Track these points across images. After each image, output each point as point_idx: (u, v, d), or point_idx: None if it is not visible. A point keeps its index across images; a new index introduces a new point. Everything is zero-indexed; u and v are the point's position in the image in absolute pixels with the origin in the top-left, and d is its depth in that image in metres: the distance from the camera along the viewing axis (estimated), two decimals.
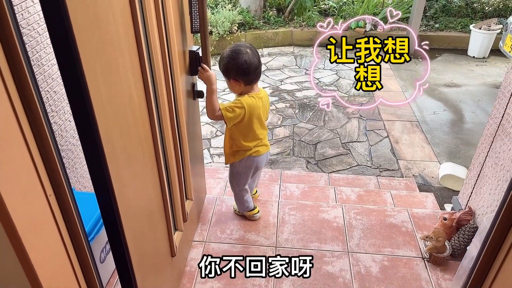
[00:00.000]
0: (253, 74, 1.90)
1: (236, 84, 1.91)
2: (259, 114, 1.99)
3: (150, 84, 1.33)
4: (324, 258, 2.13)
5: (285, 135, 3.93)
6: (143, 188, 1.37)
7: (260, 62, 1.93)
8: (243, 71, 1.86)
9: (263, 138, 2.10)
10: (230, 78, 1.90)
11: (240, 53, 1.84)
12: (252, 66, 1.86)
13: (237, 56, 1.84)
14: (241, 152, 2.08)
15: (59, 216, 0.96)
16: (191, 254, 2.15)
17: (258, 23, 6.22)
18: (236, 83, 1.90)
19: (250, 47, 1.89)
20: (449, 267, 2.06)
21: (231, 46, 1.90)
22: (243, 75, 1.87)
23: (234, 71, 1.87)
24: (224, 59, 1.88)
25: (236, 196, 2.32)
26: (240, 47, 1.87)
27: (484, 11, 6.43)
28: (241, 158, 2.10)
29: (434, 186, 3.21)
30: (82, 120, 0.95)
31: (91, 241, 1.72)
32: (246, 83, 1.91)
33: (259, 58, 1.92)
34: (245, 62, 1.84)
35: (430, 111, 4.41)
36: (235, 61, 1.84)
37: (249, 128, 1.99)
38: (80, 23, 0.87)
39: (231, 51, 1.87)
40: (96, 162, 1.02)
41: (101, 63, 0.99)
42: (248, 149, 2.06)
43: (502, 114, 1.95)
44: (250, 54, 1.86)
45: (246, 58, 1.84)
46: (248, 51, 1.86)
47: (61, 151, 1.93)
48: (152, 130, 1.40)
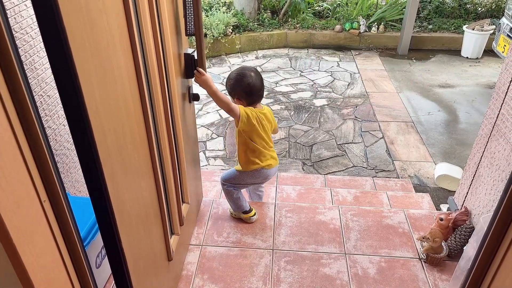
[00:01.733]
0: (256, 96, 2.08)
1: (240, 103, 2.08)
2: (266, 126, 2.14)
3: (145, 87, 1.32)
4: (321, 260, 2.12)
5: (281, 137, 3.93)
6: (138, 192, 1.36)
7: (263, 85, 2.11)
8: (246, 93, 2.05)
9: (272, 151, 2.26)
10: (235, 97, 2.09)
11: (245, 76, 2.03)
12: (254, 89, 2.05)
13: (242, 78, 2.03)
14: (256, 164, 2.20)
15: (53, 221, 0.95)
16: (188, 258, 2.13)
17: (253, 25, 6.23)
18: (239, 102, 2.08)
19: (255, 71, 2.08)
20: (446, 268, 2.07)
21: (238, 68, 2.10)
22: (247, 96, 2.06)
23: (238, 92, 2.06)
24: (230, 80, 2.08)
25: (230, 198, 2.33)
26: (245, 70, 2.06)
27: (477, 12, 6.48)
28: (253, 169, 2.21)
29: (429, 187, 3.22)
30: (76, 123, 0.94)
31: (86, 246, 1.71)
32: (249, 103, 2.08)
33: (262, 81, 2.09)
34: (249, 84, 2.03)
35: (424, 111, 4.43)
36: (240, 83, 2.04)
37: (260, 137, 2.14)
38: (74, 26, 0.86)
39: (237, 73, 2.06)
40: (90, 166, 1.01)
41: (95, 66, 0.98)
42: (262, 161, 2.20)
43: (497, 114, 1.96)
44: (254, 77, 2.04)
45: (250, 81, 2.03)
46: (252, 74, 2.05)
47: (55, 155, 1.91)
48: (148, 133, 1.39)
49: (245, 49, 6.12)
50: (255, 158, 2.18)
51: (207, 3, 6.42)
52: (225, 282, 2.00)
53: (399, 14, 6.28)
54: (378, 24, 6.29)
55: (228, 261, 2.12)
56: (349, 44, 6.30)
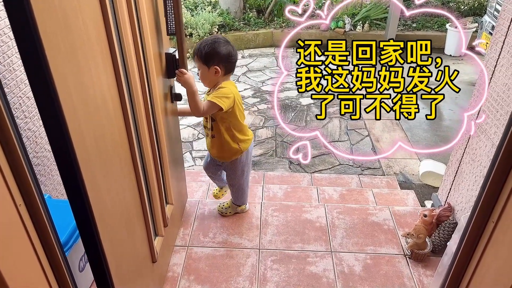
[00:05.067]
0: (234, 65, 1.97)
1: (215, 72, 1.91)
2: (240, 101, 2.04)
3: (125, 88, 1.31)
4: (307, 258, 2.13)
5: (268, 136, 3.93)
6: (120, 194, 1.34)
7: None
8: (227, 59, 1.91)
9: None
10: (211, 65, 1.89)
11: (224, 42, 1.90)
12: (235, 57, 1.95)
13: (221, 44, 1.88)
14: (245, 142, 2.12)
15: (30, 226, 0.93)
16: (174, 259, 2.12)
17: (239, 24, 6.21)
18: (216, 70, 1.90)
19: (227, 39, 1.96)
20: (431, 264, 2.09)
21: (210, 36, 1.95)
22: (227, 63, 1.92)
23: (218, 58, 1.88)
24: (207, 46, 1.87)
25: (242, 190, 2.32)
26: (220, 37, 1.93)
27: (460, 10, 6.56)
28: (249, 145, 2.15)
29: (415, 183, 3.26)
30: (52, 125, 0.93)
31: (69, 249, 1.68)
32: (227, 71, 1.95)
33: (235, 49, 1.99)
34: (230, 51, 1.91)
35: None
36: (220, 48, 1.88)
37: (240, 116, 2.03)
38: (47, 27, 0.84)
39: (214, 39, 1.90)
40: (68, 168, 0.99)
41: (71, 67, 0.96)
42: (248, 137, 2.13)
43: (478, 111, 1.99)
44: (230, 44, 1.94)
45: (230, 48, 1.91)
46: (228, 41, 1.94)
47: (36, 157, 1.88)
48: (128, 134, 1.37)
49: None
50: (244, 135, 2.11)
51: (192, 3, 6.39)
52: (211, 283, 1.99)
53: (384, 13, 6.33)
54: (363, 23, 6.33)
55: (214, 262, 2.11)
56: None
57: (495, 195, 0.93)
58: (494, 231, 0.95)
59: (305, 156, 2.05)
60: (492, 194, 0.94)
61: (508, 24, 1.73)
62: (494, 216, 0.94)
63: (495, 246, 0.95)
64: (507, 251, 0.89)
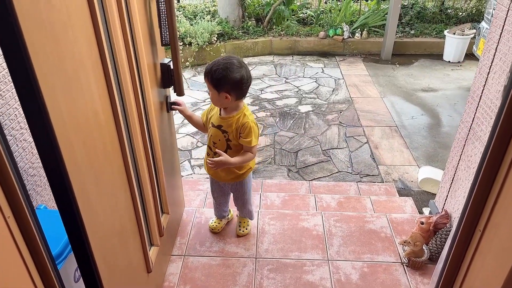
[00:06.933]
0: (247, 90, 1.86)
1: (226, 99, 1.81)
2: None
3: (117, 99, 1.32)
4: (304, 267, 2.12)
5: (266, 144, 3.93)
6: (113, 205, 1.34)
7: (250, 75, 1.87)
8: (238, 86, 1.79)
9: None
10: (221, 91, 1.79)
11: (237, 68, 1.76)
12: (248, 82, 1.82)
13: (234, 70, 1.76)
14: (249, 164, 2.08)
15: (19, 238, 0.93)
16: (170, 269, 2.11)
17: (238, 33, 6.25)
18: (227, 96, 1.80)
19: (241, 60, 1.83)
20: (428, 271, 2.08)
21: (223, 58, 1.80)
22: (238, 89, 1.80)
23: (229, 85, 1.77)
24: (218, 71, 1.75)
25: (249, 208, 2.29)
26: (233, 59, 1.79)
27: (458, 17, 6.60)
28: (253, 166, 2.14)
29: (413, 190, 3.25)
30: (40, 136, 0.93)
31: (64, 260, 1.68)
32: (238, 98, 1.84)
33: (249, 71, 1.86)
34: (242, 77, 1.77)
35: (408, 116, 4.47)
36: (232, 75, 1.75)
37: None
38: (36, 41, 0.85)
39: (226, 64, 1.76)
40: (57, 179, 1.00)
41: (60, 80, 0.97)
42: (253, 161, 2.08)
43: (472, 118, 1.99)
44: (246, 68, 1.81)
45: (244, 74, 1.78)
46: (243, 65, 1.80)
47: (32, 168, 1.89)
48: (121, 145, 1.38)
49: None
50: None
51: (191, 12, 6.44)
52: None
53: (382, 20, 6.36)
54: (361, 30, 6.36)
55: (210, 271, 2.10)
56: (333, 50, 6.35)
57: (482, 203, 0.93)
58: (481, 240, 0.95)
59: None
60: (478, 202, 0.94)
61: (500, 31, 1.74)
62: (481, 224, 0.94)
63: (483, 255, 0.95)
64: (493, 260, 0.89)
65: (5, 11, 0.78)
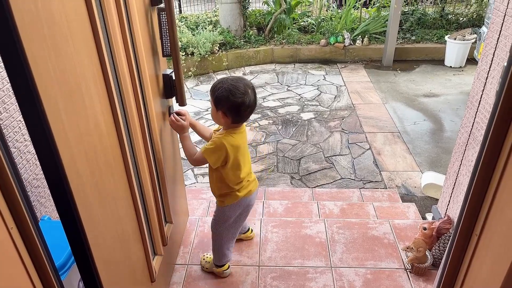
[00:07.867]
0: (246, 116, 1.79)
1: (223, 118, 1.76)
2: (244, 150, 1.87)
3: (119, 110, 1.34)
4: (307, 274, 2.12)
5: (269, 152, 3.94)
6: (115, 214, 1.36)
7: (256, 104, 1.80)
8: (237, 110, 1.72)
9: (251, 172, 1.99)
10: (219, 110, 1.74)
11: (240, 93, 1.70)
12: (248, 109, 1.75)
13: (237, 94, 1.69)
14: (233, 195, 1.91)
15: (23, 249, 0.95)
16: (174, 278, 2.12)
17: (239, 42, 6.30)
18: (223, 116, 1.75)
19: (252, 87, 1.76)
20: (431, 277, 2.07)
21: (232, 79, 1.74)
22: (236, 114, 1.74)
23: (227, 107, 1.72)
24: (221, 90, 1.70)
25: (217, 245, 2.06)
26: (240, 83, 1.72)
27: (459, 22, 6.61)
28: (233, 202, 1.92)
29: (417, 196, 3.24)
30: (42, 149, 0.95)
31: (68, 270, 1.69)
32: (234, 121, 1.77)
33: (256, 100, 1.78)
34: (243, 103, 1.71)
35: (410, 121, 4.47)
36: (233, 97, 1.69)
37: (236, 168, 1.85)
38: (37, 55, 0.88)
39: (231, 85, 1.70)
40: (59, 190, 1.01)
41: (62, 92, 0.99)
42: (239, 191, 1.90)
43: (472, 123, 1.99)
44: (250, 95, 1.73)
45: (246, 100, 1.71)
46: (249, 91, 1.73)
47: (36, 179, 1.91)
48: (123, 155, 1.40)
49: (233, 66, 6.18)
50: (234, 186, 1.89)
51: (193, 22, 6.50)
52: None
53: (382, 26, 6.39)
54: (362, 37, 6.40)
55: (214, 280, 2.11)
56: (334, 58, 6.38)
57: (477, 208, 0.94)
58: (478, 244, 0.95)
59: None
60: (474, 207, 0.94)
61: (497, 36, 1.75)
62: (477, 229, 0.95)
63: (480, 259, 0.95)
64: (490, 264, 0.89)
65: (7, 25, 0.80)
